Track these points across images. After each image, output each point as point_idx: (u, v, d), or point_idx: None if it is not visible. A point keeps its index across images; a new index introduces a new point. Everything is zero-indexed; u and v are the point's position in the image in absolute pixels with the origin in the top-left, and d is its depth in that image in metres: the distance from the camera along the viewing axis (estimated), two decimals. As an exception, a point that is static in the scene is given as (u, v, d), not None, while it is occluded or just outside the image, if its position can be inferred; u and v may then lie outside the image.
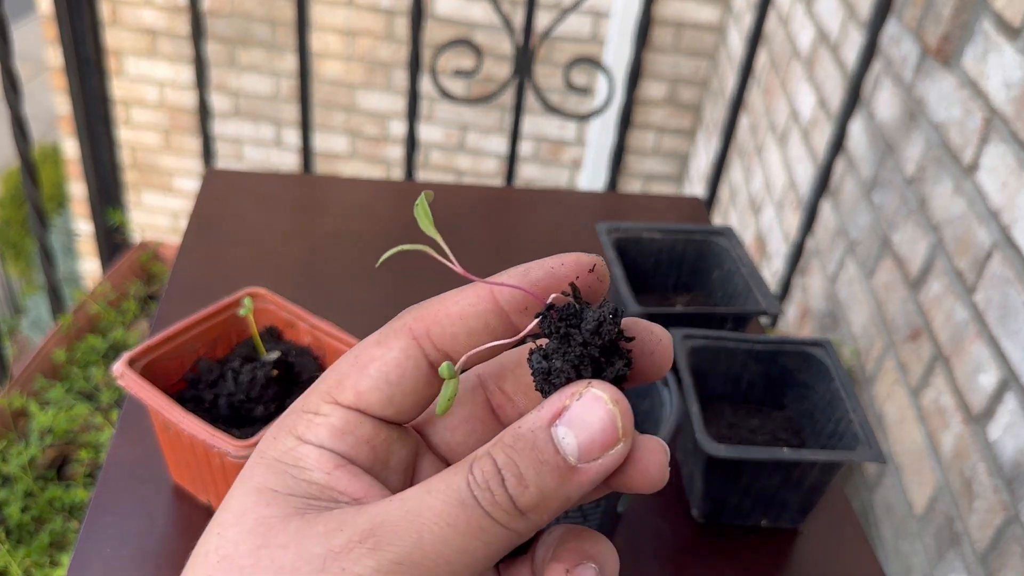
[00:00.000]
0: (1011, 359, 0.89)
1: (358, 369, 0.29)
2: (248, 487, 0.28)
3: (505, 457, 0.26)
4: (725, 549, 0.73)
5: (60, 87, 2.51)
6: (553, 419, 0.27)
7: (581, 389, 0.27)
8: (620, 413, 0.27)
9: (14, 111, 1.31)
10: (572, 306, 0.29)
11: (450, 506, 0.25)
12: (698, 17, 2.38)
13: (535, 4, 1.33)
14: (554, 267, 0.30)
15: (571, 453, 0.26)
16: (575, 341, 0.28)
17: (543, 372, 0.28)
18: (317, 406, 0.29)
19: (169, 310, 0.89)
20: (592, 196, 1.32)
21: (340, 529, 0.26)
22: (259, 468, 0.28)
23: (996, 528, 0.88)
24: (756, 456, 0.69)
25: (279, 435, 0.29)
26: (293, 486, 0.27)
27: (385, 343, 0.30)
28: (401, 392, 0.29)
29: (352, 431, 0.29)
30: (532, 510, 0.26)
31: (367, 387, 0.29)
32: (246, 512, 0.27)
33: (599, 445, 0.26)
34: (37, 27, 2.66)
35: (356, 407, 0.29)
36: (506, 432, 0.27)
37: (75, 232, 2.80)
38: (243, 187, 1.14)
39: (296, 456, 0.28)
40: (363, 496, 0.28)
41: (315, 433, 0.29)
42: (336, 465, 0.28)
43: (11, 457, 1.43)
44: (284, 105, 2.66)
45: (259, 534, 0.26)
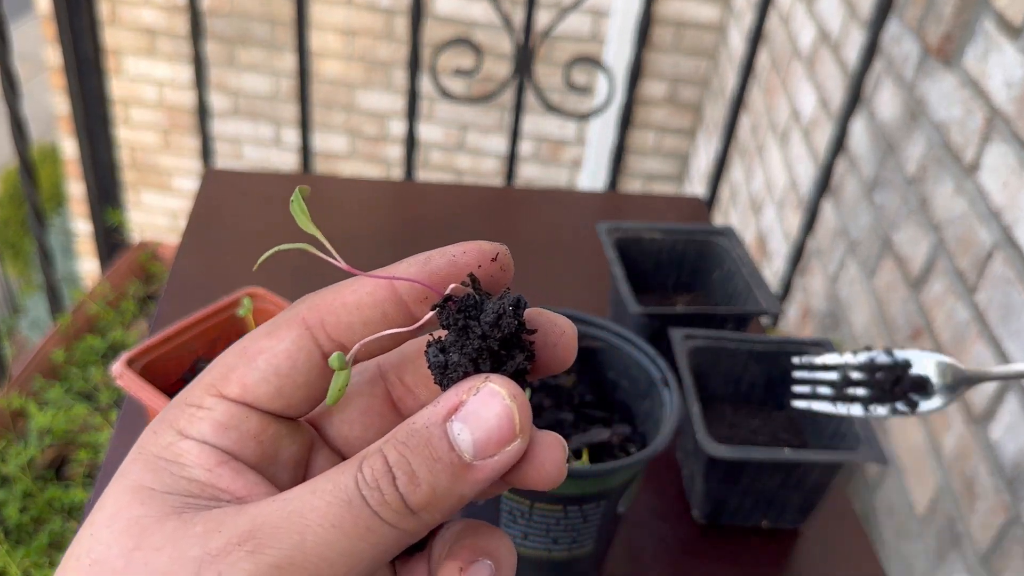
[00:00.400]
0: (1012, 359, 0.89)
1: (246, 361, 0.28)
2: (123, 485, 0.26)
3: (397, 454, 0.25)
4: (726, 550, 0.73)
5: (59, 87, 2.51)
6: (449, 415, 0.26)
7: (478, 384, 0.26)
8: (518, 409, 0.26)
9: (13, 111, 1.31)
10: (472, 297, 0.28)
11: (335, 507, 0.24)
12: (698, 16, 2.38)
13: (535, 3, 1.33)
14: (456, 256, 0.28)
15: (466, 450, 0.25)
16: (473, 334, 0.27)
17: (440, 366, 0.27)
18: (200, 399, 0.28)
19: (168, 310, 0.89)
20: (592, 196, 1.31)
21: (218, 530, 0.24)
22: (136, 465, 0.27)
23: (998, 529, 0.88)
24: (757, 457, 0.68)
25: (159, 429, 0.27)
26: (171, 484, 0.26)
27: (276, 334, 0.28)
28: (292, 385, 0.28)
29: (237, 426, 0.27)
30: (424, 509, 0.25)
31: (255, 380, 0.28)
32: (120, 512, 0.25)
33: (495, 442, 0.26)
34: (36, 26, 2.65)
35: (242, 400, 0.28)
36: (399, 428, 0.26)
37: (74, 232, 2.79)
38: (242, 187, 1.14)
39: (176, 452, 0.27)
40: (247, 495, 0.27)
41: (197, 428, 0.27)
42: (219, 462, 0.27)
43: (10, 457, 1.43)
44: (283, 104, 2.65)
45: (132, 535, 0.25)
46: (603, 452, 0.64)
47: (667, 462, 0.80)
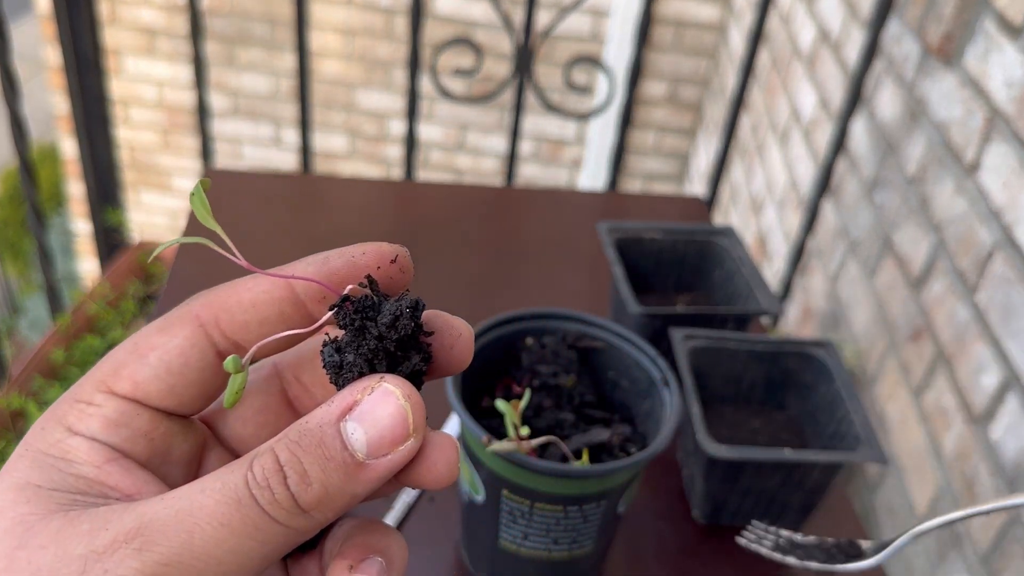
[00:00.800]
0: (1013, 359, 0.89)
1: (137, 357, 0.28)
2: (7, 482, 0.26)
3: (289, 453, 0.25)
4: (726, 550, 0.73)
5: (58, 86, 2.51)
6: (342, 414, 0.26)
7: (373, 384, 0.26)
8: (411, 408, 0.26)
9: (12, 110, 1.31)
10: (369, 298, 0.28)
11: (224, 505, 0.24)
12: (699, 16, 2.38)
13: (535, 3, 1.33)
14: (355, 256, 0.29)
15: (359, 449, 0.25)
16: (370, 334, 0.27)
17: (335, 365, 0.27)
18: (91, 395, 0.27)
19: (167, 310, 0.89)
20: (592, 196, 1.31)
21: (105, 528, 0.24)
22: (22, 462, 0.26)
23: (998, 529, 0.87)
24: (757, 457, 0.68)
25: (47, 425, 0.27)
26: (59, 481, 0.26)
27: (168, 330, 0.28)
28: (184, 383, 0.28)
29: (127, 423, 0.27)
30: (315, 508, 0.25)
31: (146, 376, 0.27)
32: (3, 510, 0.25)
33: (388, 441, 0.26)
34: (35, 26, 2.65)
35: (133, 397, 0.27)
36: (292, 427, 0.26)
37: (73, 232, 2.79)
38: (242, 187, 1.14)
39: (64, 448, 0.26)
40: (136, 492, 0.26)
41: (86, 424, 0.27)
42: (108, 459, 0.26)
43: (9, 457, 1.43)
44: (283, 104, 2.65)
45: (16, 534, 0.24)
46: (603, 452, 0.64)
47: (667, 462, 0.80)
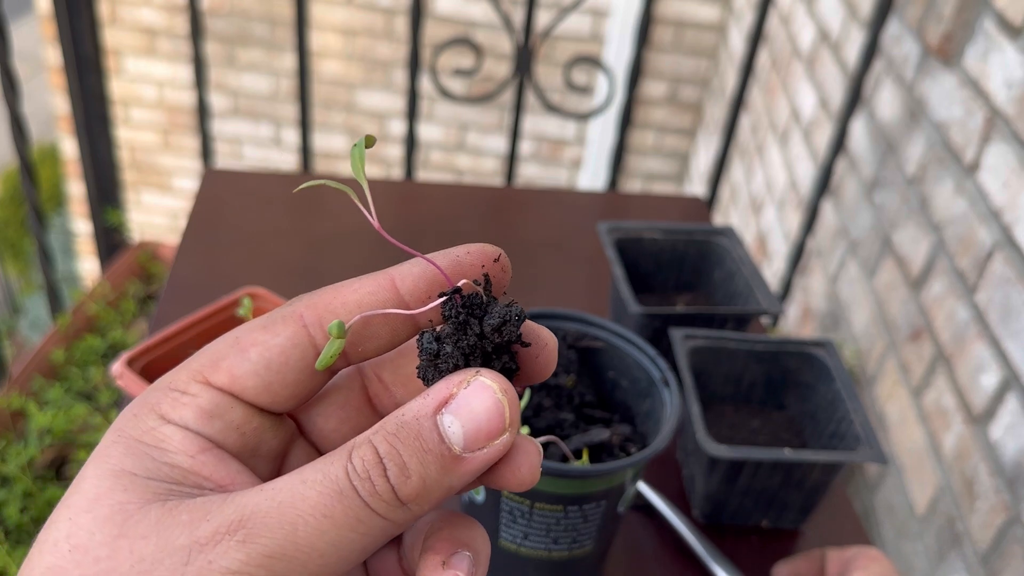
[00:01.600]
0: (1012, 359, 0.89)
1: (238, 351, 0.27)
2: (103, 469, 0.25)
3: (388, 446, 0.25)
4: (726, 550, 0.73)
5: (59, 86, 2.51)
6: (439, 407, 0.26)
7: (469, 377, 0.26)
8: (508, 403, 0.26)
9: (13, 110, 1.31)
10: (479, 296, 0.28)
11: (327, 497, 0.24)
12: (698, 16, 2.38)
13: (535, 3, 1.33)
14: (459, 256, 0.29)
15: (456, 442, 0.25)
16: (471, 331, 0.27)
17: (431, 354, 0.27)
18: (186, 384, 0.27)
19: (168, 310, 0.89)
20: (592, 196, 1.31)
21: (205, 519, 0.24)
22: (116, 448, 0.26)
23: (998, 529, 0.88)
24: (757, 457, 0.68)
25: (140, 412, 0.27)
26: (153, 469, 0.25)
27: (271, 328, 0.28)
28: (281, 381, 0.28)
29: (221, 415, 0.27)
30: (413, 500, 0.25)
31: (244, 371, 0.27)
32: (101, 497, 0.25)
33: (485, 434, 0.26)
34: (36, 26, 2.65)
35: (229, 390, 0.27)
36: (388, 419, 0.26)
37: (74, 232, 2.79)
38: (242, 186, 1.14)
39: (158, 436, 0.26)
40: (228, 484, 0.26)
41: (180, 413, 0.27)
42: (201, 449, 0.26)
43: (10, 457, 1.43)
44: (283, 104, 2.65)
45: (116, 523, 0.24)
46: (603, 452, 0.64)
47: (667, 462, 0.80)
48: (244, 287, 0.75)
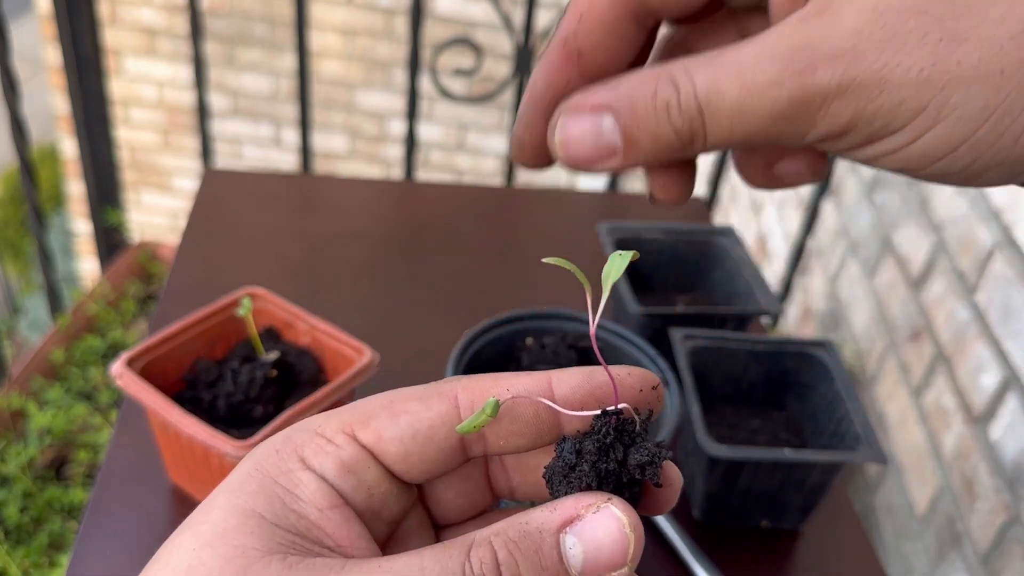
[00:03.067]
0: (1012, 359, 0.89)
1: (390, 415, 0.28)
2: (235, 503, 0.26)
3: (507, 553, 0.25)
4: (725, 550, 0.73)
5: (59, 86, 2.51)
6: (563, 524, 0.25)
7: (600, 502, 0.26)
8: (635, 539, 0.26)
9: (12, 110, 1.31)
10: (633, 423, 0.28)
11: None
12: (698, 16, 2.38)
13: (535, 3, 1.33)
14: (619, 376, 0.29)
15: (575, 565, 0.25)
16: (613, 456, 0.27)
17: (567, 464, 0.27)
18: (334, 434, 0.28)
19: (168, 310, 0.89)
20: (592, 196, 1.31)
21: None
22: (251, 483, 0.26)
23: (998, 528, 0.88)
24: (757, 457, 0.68)
25: (283, 451, 0.27)
26: (281, 515, 0.26)
27: (427, 400, 0.28)
28: (422, 454, 0.28)
29: (358, 472, 0.27)
30: None
31: (391, 435, 0.28)
32: (226, 534, 0.25)
33: (605, 565, 0.25)
34: (35, 26, 2.65)
35: (372, 450, 0.28)
36: (511, 524, 0.26)
37: (73, 232, 2.79)
38: (242, 187, 1.14)
39: (294, 481, 0.27)
40: (348, 546, 0.26)
41: (321, 461, 0.27)
42: (331, 504, 0.27)
43: (10, 457, 1.43)
44: (283, 104, 2.65)
45: (238, 566, 0.24)
46: (603, 452, 0.64)
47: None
48: (244, 287, 0.75)
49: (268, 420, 0.66)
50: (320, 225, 1.08)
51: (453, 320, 0.86)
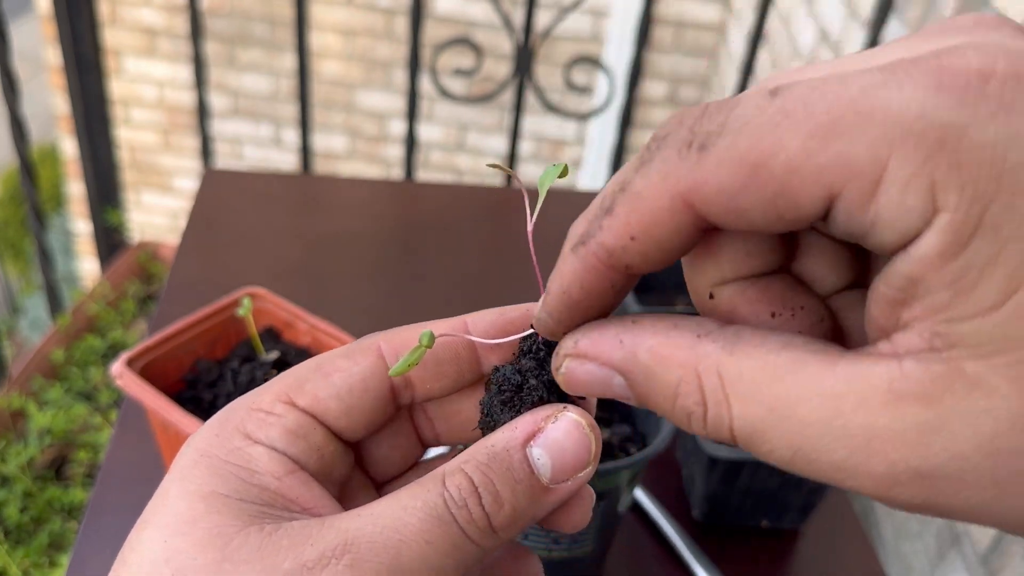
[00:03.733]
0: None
1: (321, 375, 0.28)
2: (190, 489, 0.26)
3: (481, 475, 0.26)
4: (725, 550, 0.73)
5: (59, 86, 2.51)
6: (527, 439, 0.27)
7: (556, 412, 0.27)
8: (595, 439, 0.27)
9: (12, 111, 1.31)
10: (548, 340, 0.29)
11: (427, 523, 0.25)
12: (699, 16, 2.38)
13: (535, 3, 1.33)
14: (529, 309, 0.30)
15: (544, 474, 0.27)
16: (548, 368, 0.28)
17: (514, 386, 0.28)
18: (271, 405, 0.28)
19: (168, 310, 0.89)
20: (592, 196, 1.31)
21: (308, 543, 0.24)
22: (201, 468, 0.26)
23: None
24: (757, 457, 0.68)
25: (223, 432, 0.27)
26: (243, 491, 0.26)
27: (352, 357, 0.29)
28: (359, 408, 0.29)
29: (305, 436, 0.28)
30: (504, 528, 0.26)
31: (327, 394, 0.28)
32: (196, 519, 0.25)
33: (571, 467, 0.27)
34: (36, 26, 2.65)
35: (312, 412, 0.28)
36: (477, 450, 0.27)
37: (74, 232, 2.79)
38: (242, 187, 1.14)
39: (245, 456, 0.27)
40: (313, 508, 0.27)
41: (266, 433, 0.27)
42: (288, 471, 0.27)
43: (10, 457, 1.43)
44: (283, 104, 2.65)
45: (217, 546, 0.24)
46: (603, 452, 0.64)
47: (667, 462, 0.80)
48: (244, 287, 0.75)
49: (268, 420, 0.66)
50: (320, 225, 1.08)
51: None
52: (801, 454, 0.21)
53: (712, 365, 0.22)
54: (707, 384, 0.22)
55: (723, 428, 0.22)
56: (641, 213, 0.22)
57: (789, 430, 0.21)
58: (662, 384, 0.23)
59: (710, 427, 0.22)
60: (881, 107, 0.19)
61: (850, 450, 0.20)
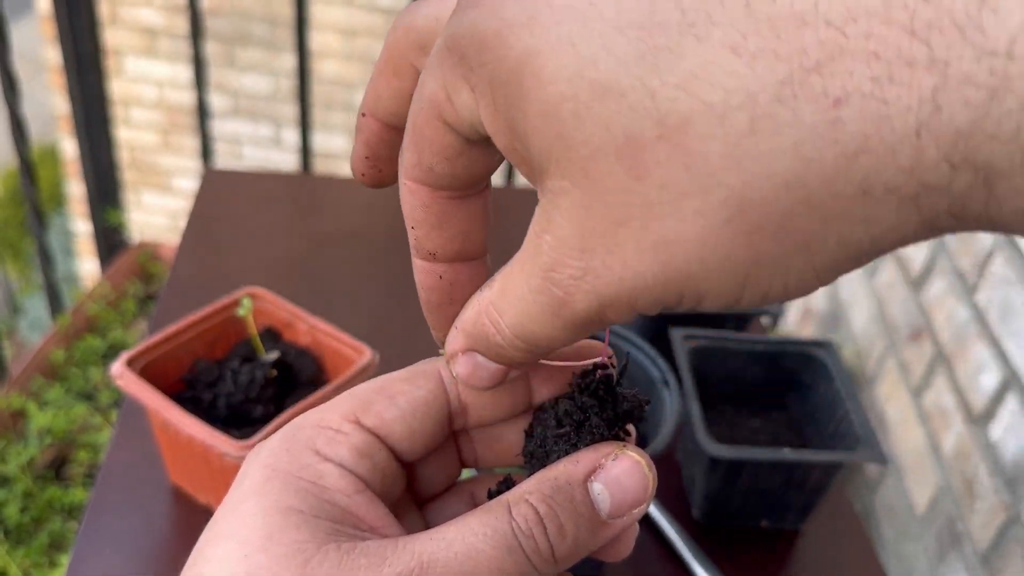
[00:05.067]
0: (1012, 359, 0.89)
1: (385, 397, 0.29)
2: (266, 504, 0.26)
3: (547, 507, 0.27)
4: (725, 550, 0.73)
5: (59, 86, 2.51)
6: (588, 475, 0.28)
7: (616, 450, 0.28)
8: (652, 477, 0.28)
9: (12, 111, 1.31)
10: (612, 378, 0.30)
11: (499, 551, 0.26)
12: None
13: (535, 3, 1.33)
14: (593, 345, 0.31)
15: (604, 509, 0.27)
16: (608, 405, 0.29)
17: (576, 422, 0.29)
18: (339, 424, 0.28)
19: (168, 310, 0.89)
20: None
21: (385, 563, 0.25)
22: (275, 484, 0.26)
23: (997, 528, 0.88)
24: (757, 457, 0.68)
25: (293, 448, 0.27)
26: (317, 508, 0.26)
27: (414, 381, 0.30)
28: (421, 430, 0.29)
29: (371, 455, 0.28)
30: (564, 559, 0.27)
31: (393, 416, 0.29)
32: (273, 535, 0.25)
33: (629, 504, 0.28)
34: (36, 26, 2.65)
35: (377, 433, 0.28)
36: (542, 482, 0.27)
37: (73, 232, 2.79)
38: (242, 187, 1.14)
39: (317, 473, 0.27)
40: (380, 527, 0.27)
41: (336, 450, 0.27)
42: (356, 489, 0.27)
43: (10, 457, 1.43)
44: (283, 104, 2.65)
45: (297, 563, 0.24)
46: (603, 452, 0.64)
47: (667, 462, 0.80)
48: (244, 287, 0.75)
49: (268, 420, 0.66)
50: (320, 225, 1.08)
51: (453, 320, 0.86)
52: (528, 320, 0.25)
53: (488, 304, 0.27)
54: (489, 317, 0.26)
55: (514, 340, 0.26)
56: (415, 112, 0.25)
57: (518, 311, 0.25)
58: (484, 336, 0.27)
59: (508, 344, 0.26)
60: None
61: (541, 298, 0.24)
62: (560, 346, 0.26)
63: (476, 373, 0.28)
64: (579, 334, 0.25)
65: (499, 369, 0.28)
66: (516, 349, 0.26)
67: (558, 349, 0.26)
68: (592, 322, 0.24)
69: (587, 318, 0.23)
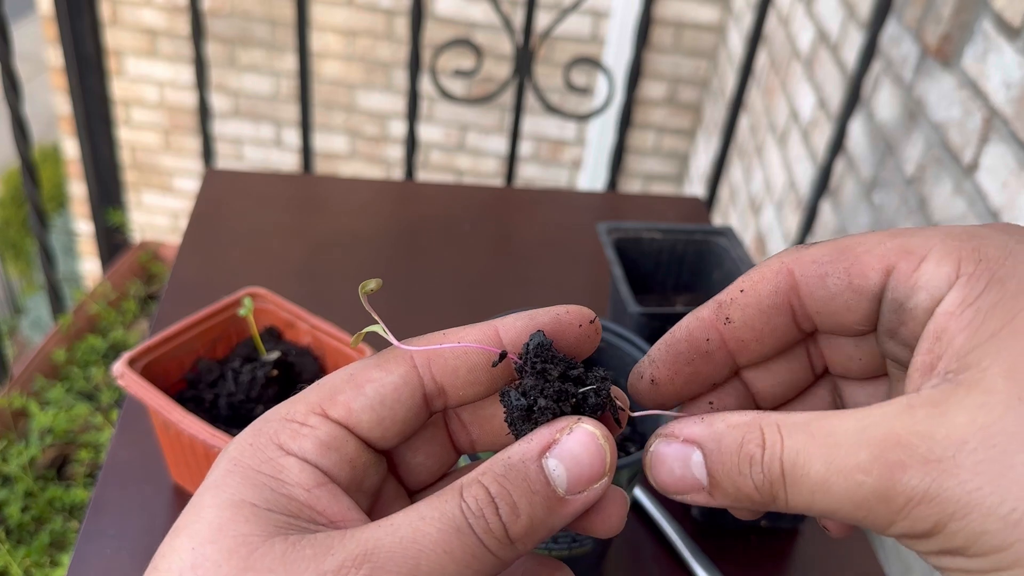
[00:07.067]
0: (1011, 359, 0.89)
1: (354, 386, 0.29)
2: (222, 498, 0.26)
3: (498, 486, 0.26)
4: (725, 550, 0.73)
5: (60, 87, 2.51)
6: (543, 451, 0.27)
7: (571, 424, 0.28)
8: (609, 449, 0.28)
9: (14, 111, 1.31)
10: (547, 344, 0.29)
11: (446, 533, 0.25)
12: (698, 17, 2.38)
13: (535, 4, 1.33)
14: (559, 314, 0.30)
15: (560, 484, 0.27)
16: (551, 376, 0.29)
17: (523, 409, 0.28)
18: (305, 416, 0.28)
19: (169, 310, 0.89)
20: (592, 196, 1.32)
21: (330, 553, 0.25)
22: (234, 477, 0.27)
23: (996, 528, 0.88)
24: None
25: (257, 443, 0.28)
26: (272, 501, 0.26)
27: (385, 366, 0.29)
28: (392, 418, 0.29)
29: (338, 448, 0.28)
30: (521, 539, 0.26)
31: (360, 405, 0.29)
32: (223, 527, 0.25)
33: (586, 478, 0.27)
34: (37, 27, 2.66)
35: (345, 424, 0.28)
36: (495, 462, 0.27)
37: (75, 232, 2.80)
38: (243, 187, 1.14)
39: (278, 467, 0.27)
40: (340, 520, 0.27)
41: (299, 444, 0.28)
42: (318, 483, 0.27)
43: (11, 457, 1.43)
44: (284, 105, 2.66)
45: (242, 555, 0.25)
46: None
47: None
48: (245, 287, 0.76)
49: (269, 419, 0.66)
50: (321, 225, 1.09)
51: (453, 320, 0.86)
52: (833, 465, 0.24)
53: (772, 420, 0.26)
54: (767, 431, 0.26)
55: (775, 461, 0.26)
56: (751, 275, 0.31)
57: (824, 445, 0.25)
58: (732, 442, 0.27)
59: (766, 467, 0.26)
60: (929, 229, 0.28)
61: (870, 449, 0.24)
62: (823, 506, 0.25)
63: (673, 467, 0.28)
64: (862, 510, 0.24)
65: (696, 480, 0.27)
66: (759, 477, 0.26)
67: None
68: (898, 504, 0.24)
69: (898, 495, 0.24)
